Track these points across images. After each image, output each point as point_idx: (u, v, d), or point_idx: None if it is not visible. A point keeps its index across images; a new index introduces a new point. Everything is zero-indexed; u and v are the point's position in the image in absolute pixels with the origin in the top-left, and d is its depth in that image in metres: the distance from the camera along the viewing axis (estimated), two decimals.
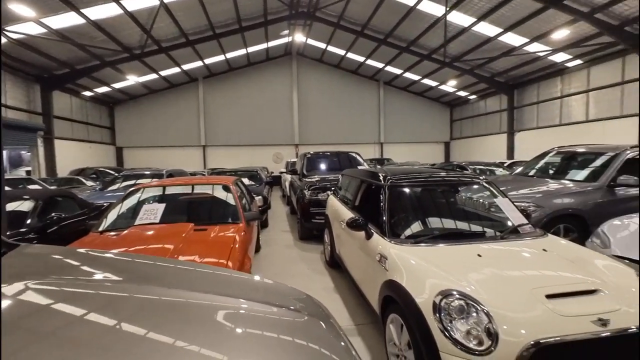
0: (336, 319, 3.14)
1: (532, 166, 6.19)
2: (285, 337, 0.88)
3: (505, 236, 2.49)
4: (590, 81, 13.35)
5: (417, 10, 12.94)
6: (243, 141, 21.02)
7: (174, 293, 1.12)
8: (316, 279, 4.20)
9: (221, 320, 0.96)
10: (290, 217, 8.77)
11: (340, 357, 0.87)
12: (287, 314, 1.03)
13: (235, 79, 20.74)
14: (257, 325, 0.93)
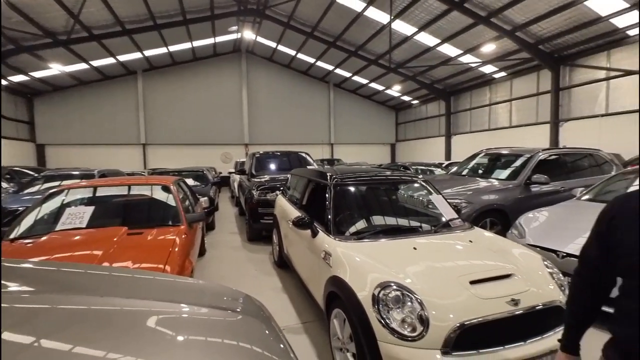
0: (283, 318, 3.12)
1: (464, 166, 6.80)
2: (214, 338, 0.86)
3: (438, 230, 2.71)
4: (512, 91, 15.06)
5: (364, 17, 13.45)
6: (189, 140, 19.95)
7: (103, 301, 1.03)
8: (264, 279, 4.15)
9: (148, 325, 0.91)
10: (239, 218, 8.54)
11: (275, 354, 0.87)
12: (219, 315, 1.01)
13: (179, 73, 19.61)
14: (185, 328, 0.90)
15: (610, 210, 1.05)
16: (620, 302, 0.99)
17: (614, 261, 1.01)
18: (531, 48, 12.13)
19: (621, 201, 1.05)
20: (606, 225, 1.04)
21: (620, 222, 1.01)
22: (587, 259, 1.13)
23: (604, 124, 11.53)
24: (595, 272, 1.10)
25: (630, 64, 10.72)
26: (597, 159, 6.16)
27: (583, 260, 1.15)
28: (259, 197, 5.70)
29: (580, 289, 1.15)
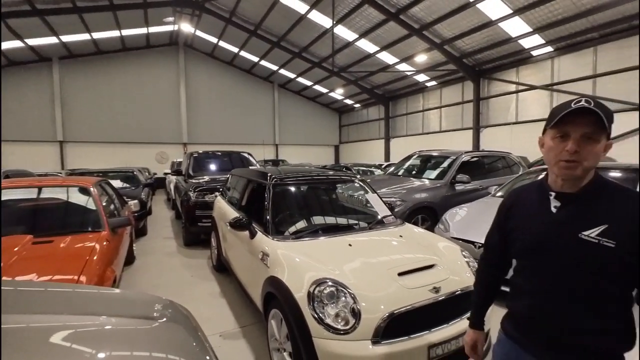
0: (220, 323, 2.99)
1: (400, 167, 7.28)
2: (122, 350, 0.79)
3: (373, 227, 2.85)
4: (442, 99, 16.52)
5: (308, 19, 13.62)
6: (118, 138, 18.12)
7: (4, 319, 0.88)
8: (201, 285, 3.94)
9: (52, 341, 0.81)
10: (175, 222, 8.00)
11: (192, 358, 0.83)
12: (132, 324, 0.93)
13: (106, 64, 17.71)
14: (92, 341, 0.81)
15: (507, 202, 1.20)
16: (514, 280, 1.14)
17: (510, 245, 1.15)
18: (456, 61, 13.45)
19: (516, 193, 1.20)
20: (504, 215, 1.18)
21: (515, 211, 1.14)
22: (490, 245, 1.27)
23: (514, 130, 13.26)
24: (496, 256, 1.24)
25: (534, 79, 12.50)
26: (508, 161, 7.06)
27: (486, 247, 1.30)
28: (196, 198, 5.40)
29: (484, 272, 1.30)
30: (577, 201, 0.98)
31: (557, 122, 0.95)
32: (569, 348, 0.97)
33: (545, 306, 1.00)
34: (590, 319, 0.94)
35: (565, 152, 0.94)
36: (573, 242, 0.94)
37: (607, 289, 0.93)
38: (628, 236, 0.88)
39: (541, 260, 1.01)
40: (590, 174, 0.98)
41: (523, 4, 9.90)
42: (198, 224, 5.31)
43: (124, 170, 9.27)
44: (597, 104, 0.92)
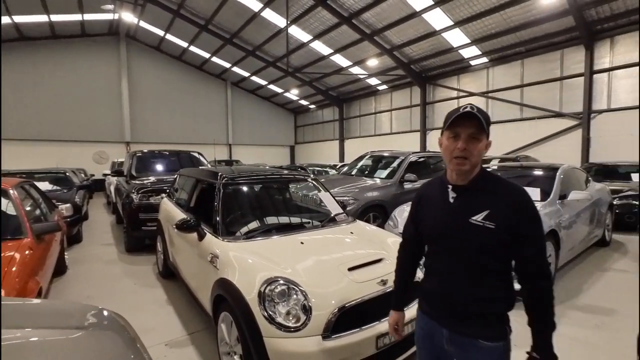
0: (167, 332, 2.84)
1: (353, 167, 7.48)
2: None
3: (325, 224, 2.89)
4: (392, 103, 17.32)
5: (262, 17, 13.41)
6: (48, 135, 16.19)
7: None
8: (145, 293, 3.68)
9: None
10: (116, 227, 7.38)
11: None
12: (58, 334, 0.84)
13: (31, 52, 15.71)
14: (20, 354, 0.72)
15: (417, 196, 1.37)
16: (426, 263, 1.33)
17: (421, 233, 1.32)
18: (405, 67, 14.20)
19: (424, 188, 1.37)
20: (415, 207, 1.36)
21: (423, 203, 1.32)
22: (407, 234, 1.44)
23: None
24: (412, 243, 1.41)
25: (472, 87, 13.64)
26: None
27: (404, 236, 1.46)
28: (140, 201, 5.03)
29: (403, 258, 1.46)
30: (467, 192, 1.17)
31: (450, 125, 1.12)
32: (467, 314, 1.16)
33: (448, 282, 1.20)
34: (480, 289, 1.14)
35: (456, 149, 1.11)
36: (465, 226, 1.13)
37: (491, 264, 1.13)
38: (504, 219, 1.09)
39: (444, 244, 1.21)
40: (477, 169, 1.16)
41: (462, 17, 10.76)
42: (142, 228, 4.94)
43: (54, 171, 8.31)
44: (479, 110, 1.11)
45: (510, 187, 1.15)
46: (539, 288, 1.12)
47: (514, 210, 1.10)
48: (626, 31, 9.66)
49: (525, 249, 1.10)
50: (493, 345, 1.14)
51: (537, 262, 1.11)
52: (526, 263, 1.12)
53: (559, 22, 10.03)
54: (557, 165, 4.67)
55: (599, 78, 10.32)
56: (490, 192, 1.14)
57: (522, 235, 1.09)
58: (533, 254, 1.11)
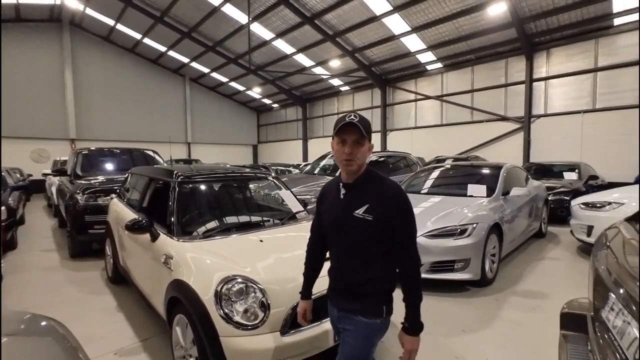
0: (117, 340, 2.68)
1: (316, 166, 7.54)
2: None
3: (285, 222, 2.89)
4: (354, 104, 17.70)
5: (222, 12, 13.03)
6: None
7: None
8: (91, 301, 3.42)
9: None
10: (59, 231, 6.77)
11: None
12: None
13: None
14: None
15: (321, 193, 1.53)
16: (329, 252, 1.50)
17: (323, 226, 1.47)
18: (366, 69, 14.58)
19: (327, 186, 1.52)
20: (319, 202, 1.52)
21: (324, 199, 1.49)
22: (314, 228, 1.58)
23: (414, 134, 15.03)
24: (318, 236, 1.54)
25: (429, 90, 14.36)
26: (408, 161, 7.96)
27: (312, 230, 1.60)
28: (86, 202, 4.66)
29: (311, 250, 1.60)
30: (353, 189, 1.35)
31: (338, 132, 1.28)
32: (355, 294, 1.34)
33: (341, 267, 1.40)
34: (365, 272, 1.32)
35: (344, 153, 1.28)
36: (351, 218, 1.31)
37: (373, 250, 1.32)
38: (381, 211, 1.27)
39: (337, 234, 1.39)
40: (362, 168, 1.34)
41: (419, 24, 11.29)
42: (88, 231, 4.59)
43: None
44: (361, 118, 1.28)
45: (388, 184, 1.33)
46: (411, 267, 1.30)
47: (388, 203, 1.28)
48: (560, 44, 10.75)
49: (398, 236, 1.29)
50: (370, 321, 1.32)
51: (409, 246, 1.30)
52: (399, 247, 1.30)
53: (504, 33, 10.90)
54: (502, 165, 5.09)
55: (538, 86, 11.38)
56: (371, 188, 1.32)
57: (396, 225, 1.28)
58: (405, 240, 1.30)
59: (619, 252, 1.15)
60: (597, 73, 10.20)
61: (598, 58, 10.13)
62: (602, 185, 7.88)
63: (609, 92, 10.03)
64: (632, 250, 1.08)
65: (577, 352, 1.28)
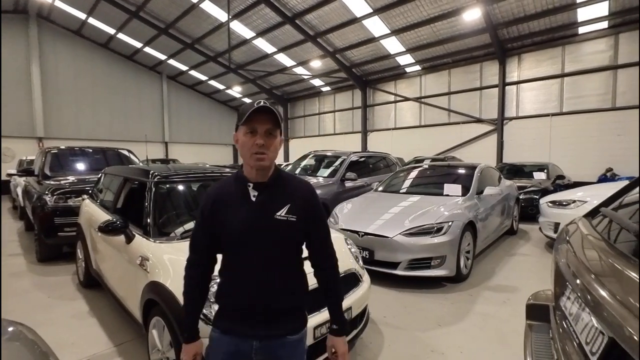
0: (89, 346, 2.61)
1: (297, 166, 7.55)
2: None
3: None
4: (336, 104, 17.82)
5: (201, 9, 12.79)
6: None
7: None
8: (62, 306, 3.28)
9: None
10: (26, 235, 6.43)
11: None
12: None
13: None
14: None
15: (209, 201, 1.19)
16: (225, 275, 1.19)
17: (218, 240, 1.18)
18: (347, 70, 14.72)
19: (216, 191, 1.21)
20: (209, 212, 1.18)
21: (219, 206, 1.17)
22: (198, 246, 1.23)
23: (393, 135, 15.31)
24: (204, 255, 1.22)
25: (408, 92, 14.68)
26: (388, 161, 8.11)
27: (194, 249, 1.23)
28: (55, 203, 4.45)
29: (194, 275, 1.23)
30: (268, 189, 1.17)
31: (247, 120, 1.09)
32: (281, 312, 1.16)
33: (259, 283, 1.14)
34: (291, 282, 1.19)
35: (255, 145, 1.10)
36: (272, 221, 1.13)
37: (293, 256, 1.20)
38: (302, 211, 1.16)
39: (252, 244, 1.13)
40: (273, 166, 1.18)
41: (398, 27, 11.53)
42: (58, 234, 4.39)
43: None
44: (272, 104, 1.13)
45: (301, 182, 1.24)
46: (332, 267, 1.26)
47: (306, 202, 1.18)
48: (530, 50, 11.28)
49: (318, 234, 1.23)
50: (297, 337, 1.18)
51: (328, 244, 1.26)
52: (320, 247, 1.24)
53: (479, 38, 11.31)
54: (476, 165, 5.29)
55: (510, 89, 11.89)
56: (287, 187, 1.19)
57: (315, 224, 1.20)
58: (324, 238, 1.25)
59: (576, 246, 1.24)
60: (564, 78, 10.78)
61: (565, 64, 10.71)
62: (569, 184, 8.34)
63: (574, 96, 10.62)
64: (587, 243, 1.17)
65: (540, 340, 1.37)
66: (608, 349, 0.76)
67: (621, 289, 0.82)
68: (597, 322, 0.83)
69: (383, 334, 2.72)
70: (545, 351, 1.30)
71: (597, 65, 10.08)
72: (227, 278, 1.19)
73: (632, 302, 0.75)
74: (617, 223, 1.12)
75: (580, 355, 0.90)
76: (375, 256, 3.73)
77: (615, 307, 0.77)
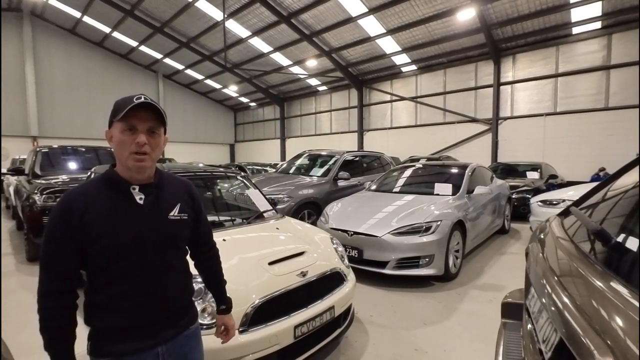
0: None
1: (291, 165, 7.54)
2: None
3: (251, 221, 2.89)
4: (332, 104, 17.82)
5: (196, 8, 12.76)
6: None
7: None
8: None
9: None
10: (17, 234, 6.39)
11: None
12: None
13: None
14: None
15: (74, 214, 0.97)
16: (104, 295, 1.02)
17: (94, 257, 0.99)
18: (343, 69, 14.72)
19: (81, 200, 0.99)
20: (77, 226, 0.97)
21: (90, 217, 0.98)
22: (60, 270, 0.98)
23: (389, 134, 15.33)
24: (69, 279, 1.00)
25: (403, 92, 14.70)
26: (382, 161, 8.11)
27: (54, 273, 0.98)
28: (44, 202, 4.43)
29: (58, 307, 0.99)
30: (156, 190, 1.10)
31: (125, 116, 0.98)
32: (181, 311, 1.16)
33: (156, 288, 1.07)
34: (184, 279, 1.19)
35: (135, 144, 0.98)
36: (165, 222, 1.09)
37: (183, 254, 1.21)
38: (189, 208, 1.20)
39: (142, 252, 1.03)
40: (154, 166, 1.09)
41: (394, 26, 11.54)
42: None
43: None
44: (153, 100, 1.03)
45: (182, 180, 1.24)
46: (215, 254, 1.39)
47: (191, 199, 1.21)
48: (525, 50, 11.33)
49: (205, 229, 1.31)
50: (194, 326, 1.23)
51: (211, 234, 1.37)
52: (206, 240, 1.34)
53: (473, 38, 11.34)
54: (467, 164, 5.30)
55: (504, 89, 11.93)
56: (172, 186, 1.17)
57: (199, 218, 1.25)
58: (208, 232, 1.35)
59: (544, 244, 1.25)
60: (557, 78, 10.83)
61: (559, 64, 10.75)
62: (562, 184, 8.38)
63: (568, 96, 10.68)
64: (554, 242, 1.18)
65: (511, 338, 1.38)
66: (558, 347, 0.77)
67: (575, 289, 0.83)
68: (550, 321, 0.84)
69: (368, 332, 2.73)
70: (516, 349, 1.31)
71: (590, 65, 10.13)
72: (110, 296, 1.02)
73: (580, 301, 0.76)
74: (580, 221, 1.13)
75: (537, 353, 0.91)
76: (364, 255, 3.74)
77: (567, 306, 0.78)
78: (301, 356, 2.08)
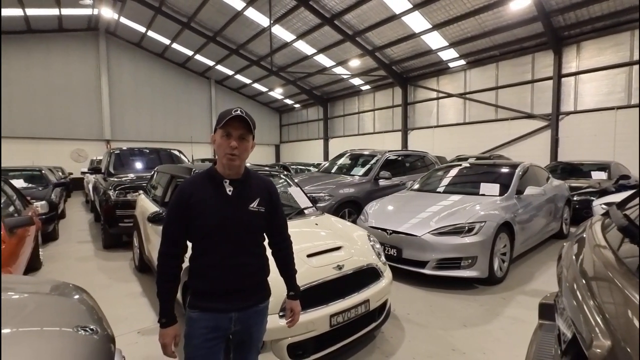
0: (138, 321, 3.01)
1: (333, 165, 7.68)
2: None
3: (292, 217, 3.06)
4: (375, 103, 17.63)
5: (245, 16, 13.46)
6: (22, 132, 15.74)
7: None
8: (119, 287, 3.77)
9: None
10: (94, 225, 7.35)
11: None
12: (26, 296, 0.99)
13: (5, 46, 15.14)
14: None
15: (184, 196, 1.30)
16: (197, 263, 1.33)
17: (192, 232, 1.30)
18: (386, 67, 14.51)
19: (189, 187, 1.32)
20: (185, 206, 1.29)
21: (194, 201, 1.29)
22: (171, 238, 1.32)
23: (436, 133, 14.77)
24: (178, 247, 1.33)
25: (451, 88, 14.07)
26: (426, 160, 7.90)
27: (168, 241, 1.32)
28: (117, 197, 5.08)
29: (169, 265, 1.33)
30: (242, 184, 1.37)
31: (224, 125, 1.28)
32: (253, 287, 1.40)
33: (236, 265, 1.33)
34: (258, 261, 1.42)
35: (229, 147, 1.28)
36: (246, 212, 1.35)
37: (260, 239, 1.43)
38: (267, 203, 1.41)
39: (226, 233, 1.31)
40: (243, 165, 1.37)
41: (440, 21, 11.12)
42: (119, 224, 5.00)
43: (29, 168, 8.17)
44: (247, 114, 1.31)
45: (265, 178, 1.48)
46: (289, 243, 1.56)
47: (270, 195, 1.44)
48: (591, 37, 10.22)
49: (279, 222, 1.50)
50: (264, 304, 1.46)
51: (285, 229, 1.55)
52: (280, 231, 1.52)
53: (529, 28, 10.51)
54: (518, 163, 5.00)
55: (567, 81, 10.87)
56: (255, 183, 1.42)
57: (277, 213, 1.48)
58: (284, 224, 1.54)
59: (584, 244, 1.22)
60: (632, 67, 9.61)
61: (633, 51, 9.54)
62: (635, 185, 7.45)
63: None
64: (590, 243, 1.16)
65: (545, 338, 1.36)
66: (572, 341, 0.79)
67: (597, 289, 0.84)
68: (569, 316, 0.86)
69: (405, 329, 2.75)
70: (548, 350, 1.29)
71: None
72: (202, 263, 1.32)
73: (591, 298, 0.78)
74: (612, 220, 1.10)
75: (558, 345, 0.93)
76: (403, 254, 3.74)
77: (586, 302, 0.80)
78: (336, 344, 2.19)
